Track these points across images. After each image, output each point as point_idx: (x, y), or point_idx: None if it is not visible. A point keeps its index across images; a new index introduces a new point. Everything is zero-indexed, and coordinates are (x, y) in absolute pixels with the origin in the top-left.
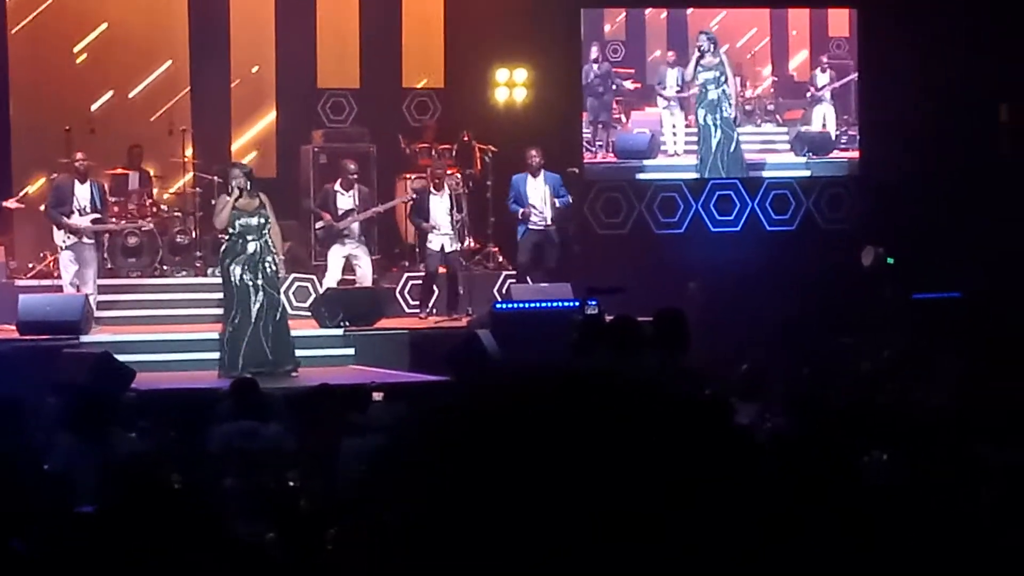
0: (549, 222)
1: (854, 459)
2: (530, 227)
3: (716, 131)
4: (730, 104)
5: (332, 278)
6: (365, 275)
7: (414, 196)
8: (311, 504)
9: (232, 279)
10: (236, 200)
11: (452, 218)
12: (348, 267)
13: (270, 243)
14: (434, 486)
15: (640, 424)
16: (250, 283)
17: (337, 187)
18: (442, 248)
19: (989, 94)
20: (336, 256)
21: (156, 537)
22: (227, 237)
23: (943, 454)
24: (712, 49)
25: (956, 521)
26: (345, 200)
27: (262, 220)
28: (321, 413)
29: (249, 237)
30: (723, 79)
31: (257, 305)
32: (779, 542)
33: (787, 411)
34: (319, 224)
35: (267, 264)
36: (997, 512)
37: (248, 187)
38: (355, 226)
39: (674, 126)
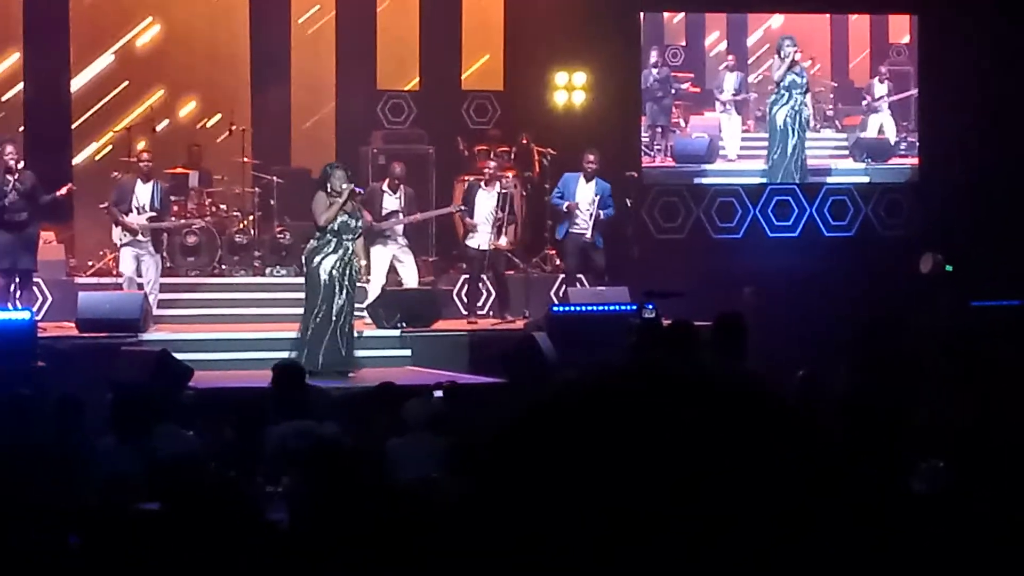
0: (590, 231)
1: (908, 466)
2: (571, 230)
3: (794, 136)
4: (808, 111)
5: (376, 279)
6: (410, 277)
7: (462, 208)
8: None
9: (322, 276)
10: (347, 200)
11: (494, 216)
12: (393, 269)
13: (359, 246)
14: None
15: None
16: (338, 282)
17: (384, 187)
18: (478, 247)
19: None
20: (380, 257)
21: (211, 535)
22: (319, 235)
23: (997, 463)
24: (799, 55)
25: (1008, 529)
26: (391, 201)
27: (359, 223)
28: (380, 411)
29: (345, 237)
30: (807, 87)
31: (339, 304)
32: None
33: (841, 416)
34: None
35: (354, 264)
36: None
37: (352, 187)
38: (398, 228)
39: (731, 130)
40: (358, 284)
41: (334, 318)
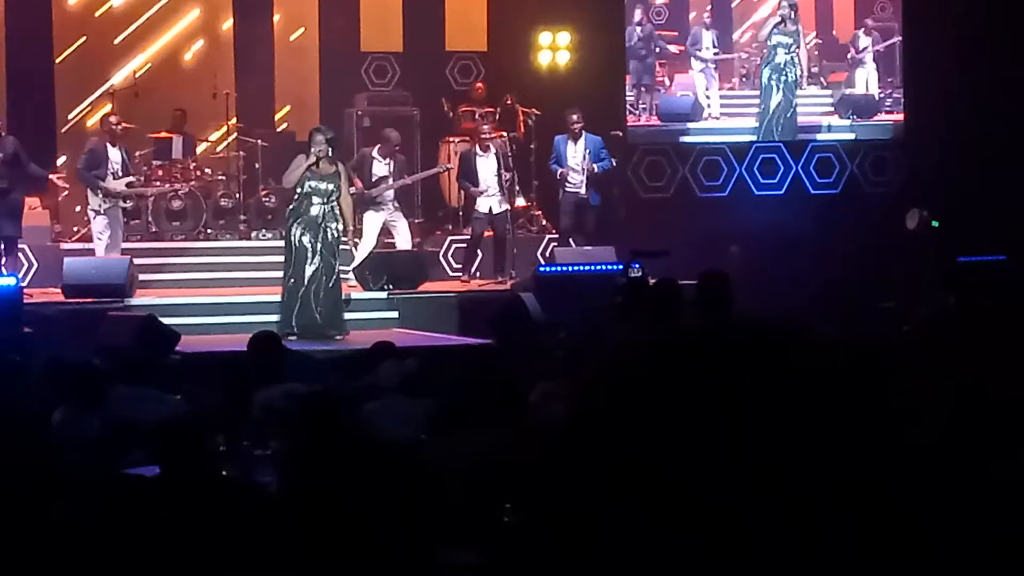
0: (584, 189)
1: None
2: (566, 190)
3: (777, 93)
4: (796, 71)
5: (367, 244)
6: (404, 240)
7: (447, 167)
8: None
9: (292, 240)
10: (310, 165)
11: (500, 178)
12: (386, 232)
13: (336, 210)
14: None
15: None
16: (308, 245)
17: (375, 153)
18: (490, 210)
19: None
20: (372, 222)
21: (199, 500)
22: (295, 197)
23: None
24: (792, 16)
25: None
26: (381, 167)
27: (332, 187)
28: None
29: (315, 200)
30: (794, 46)
31: (312, 268)
32: None
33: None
34: (351, 190)
35: (330, 230)
36: None
37: (328, 154)
38: (388, 193)
39: (707, 89)
40: (341, 247)
41: (306, 282)
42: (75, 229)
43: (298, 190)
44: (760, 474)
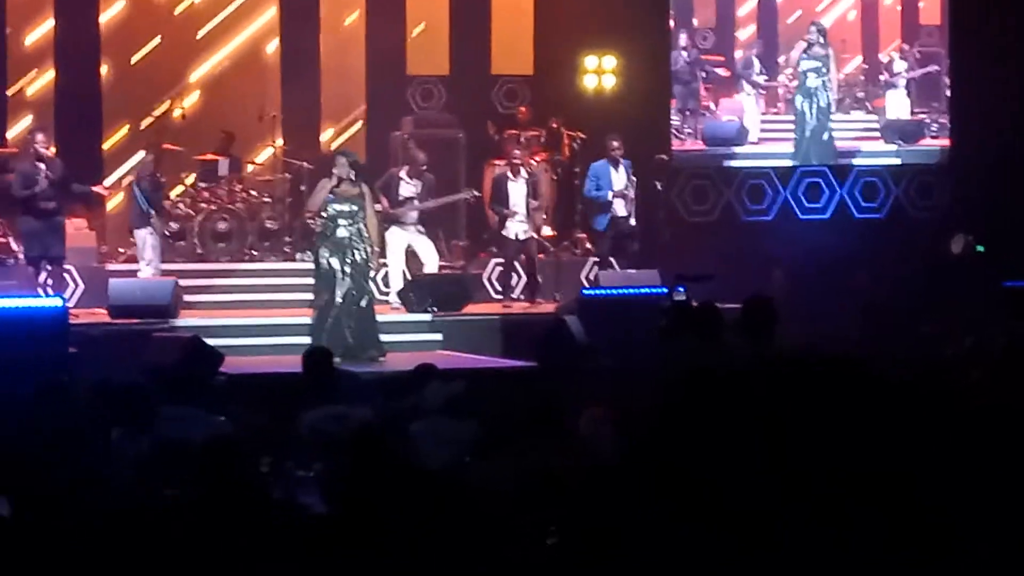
0: (629, 213)
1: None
2: (613, 215)
3: (811, 119)
4: (828, 95)
5: (395, 264)
6: (429, 260)
7: (475, 195)
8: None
9: (321, 263)
10: (334, 186)
11: (527, 204)
12: (412, 255)
13: (363, 231)
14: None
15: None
16: (338, 268)
17: (402, 174)
18: (516, 236)
19: None
20: (395, 241)
21: (244, 521)
22: (320, 221)
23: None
24: (821, 41)
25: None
26: (408, 188)
27: (356, 208)
28: (414, 394)
29: (341, 222)
30: (825, 70)
31: (342, 290)
32: None
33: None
34: (376, 207)
35: (358, 252)
36: None
37: (351, 176)
38: (412, 214)
39: (753, 113)
40: (370, 268)
41: (336, 305)
42: (121, 250)
43: (323, 214)
44: (801, 502)
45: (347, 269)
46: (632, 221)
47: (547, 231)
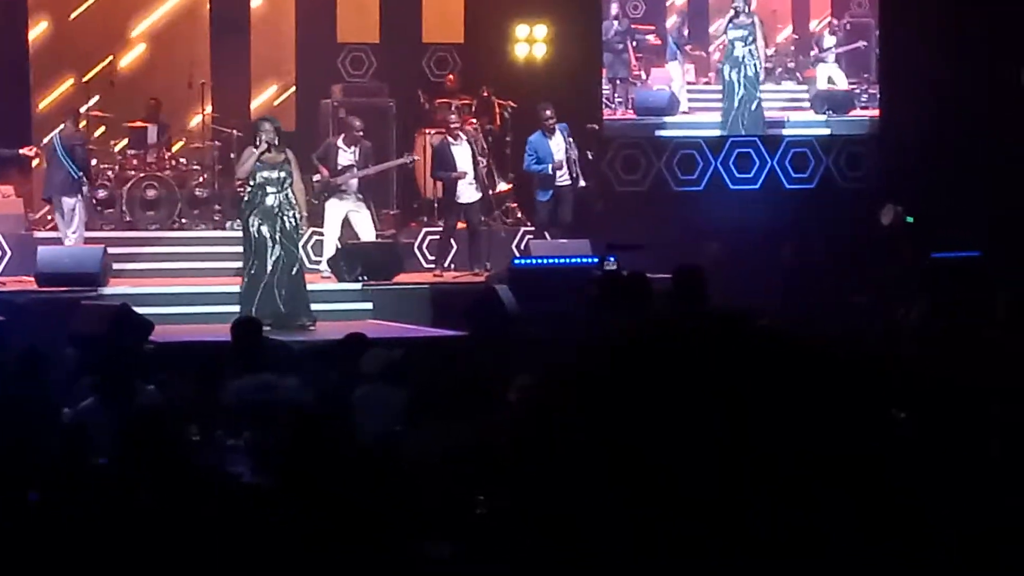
0: (572, 178)
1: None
2: (558, 184)
3: (739, 88)
4: (756, 63)
5: (331, 233)
6: (366, 231)
7: (413, 159)
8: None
9: (251, 231)
10: (262, 153)
11: (477, 165)
12: (347, 223)
13: (291, 198)
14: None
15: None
16: (268, 236)
17: (339, 142)
18: (468, 200)
19: (1010, 55)
20: (334, 211)
21: (171, 489)
22: (248, 189)
23: (955, 413)
24: (746, 9)
25: (968, 478)
26: (346, 156)
27: (283, 175)
28: (345, 363)
29: (269, 190)
30: (751, 38)
31: (273, 258)
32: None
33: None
34: (316, 177)
35: (287, 218)
36: (1008, 470)
37: (276, 142)
38: (353, 182)
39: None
40: (300, 236)
41: (268, 272)
42: (49, 218)
43: (251, 181)
44: (732, 459)
45: (277, 236)
46: (580, 182)
47: (503, 186)
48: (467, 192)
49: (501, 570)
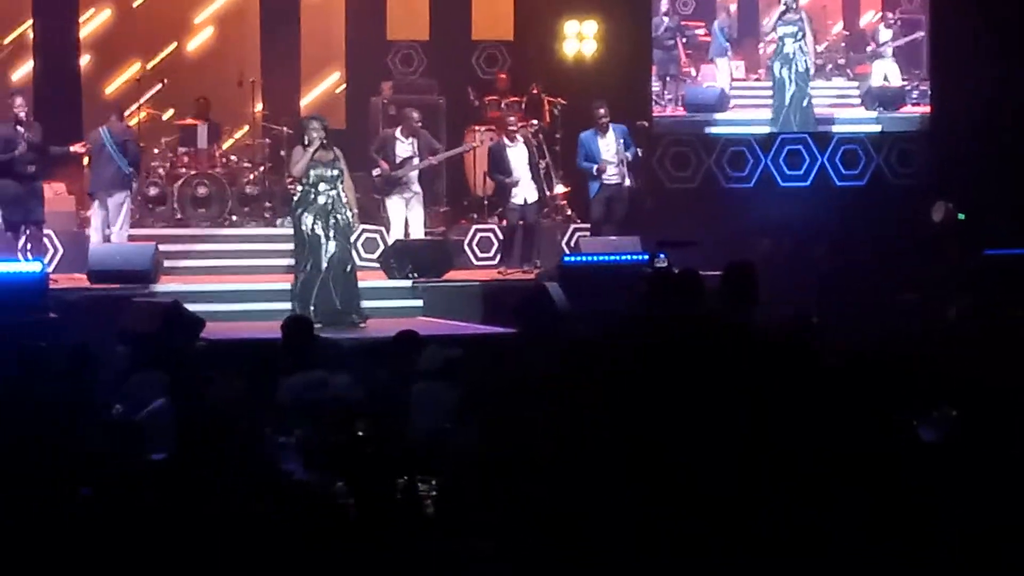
0: (622, 178)
1: (919, 415)
2: (604, 182)
3: (791, 85)
4: (806, 59)
5: (397, 229)
6: (416, 227)
7: (474, 145)
8: (380, 453)
9: (304, 229)
10: (316, 151)
11: (533, 167)
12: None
13: (343, 195)
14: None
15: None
16: (321, 233)
17: (397, 134)
18: (524, 201)
19: None
20: (397, 208)
21: (226, 486)
22: (299, 187)
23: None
24: (795, 6)
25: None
26: (404, 147)
27: (336, 172)
28: (398, 360)
29: (322, 188)
30: (801, 34)
31: (328, 255)
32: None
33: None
34: (376, 172)
35: (340, 216)
36: None
37: (324, 140)
38: (413, 174)
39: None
40: (352, 232)
41: (323, 270)
42: None
43: (303, 179)
44: (781, 483)
45: (331, 233)
46: (627, 182)
47: (560, 188)
48: (522, 194)
49: (537, 565)
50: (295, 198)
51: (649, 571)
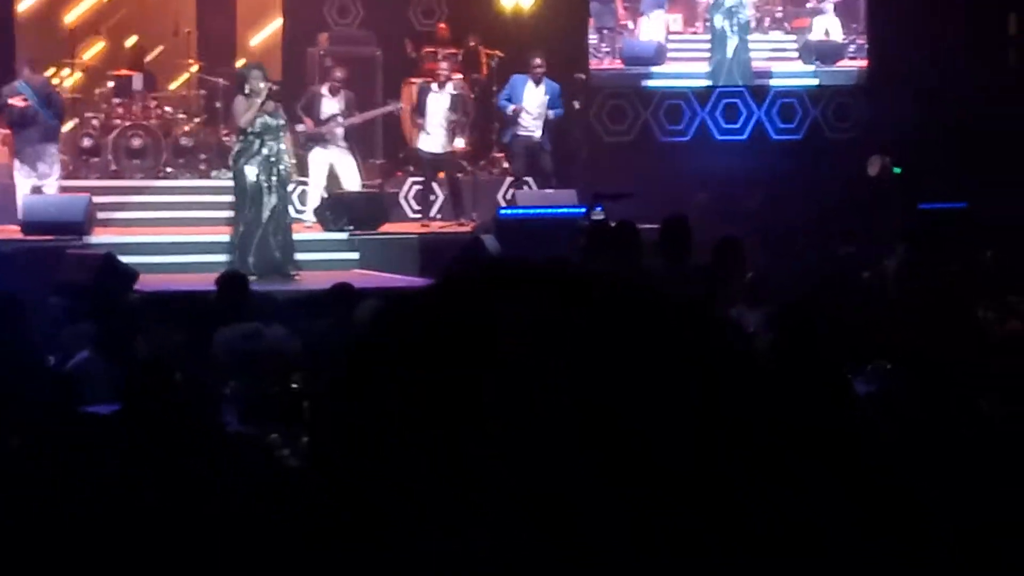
0: (540, 133)
1: (848, 368)
2: (519, 133)
3: (733, 37)
4: (746, 11)
5: (316, 183)
6: (350, 180)
7: (399, 106)
8: (313, 406)
9: (247, 179)
10: (264, 101)
11: (445, 118)
12: (332, 172)
13: (284, 148)
14: (400, 392)
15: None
16: (264, 184)
17: (324, 91)
18: (431, 151)
19: (998, 4)
20: (319, 160)
21: (160, 436)
22: (242, 137)
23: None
24: None
25: (956, 430)
26: (330, 104)
27: (280, 122)
28: (332, 313)
29: (267, 138)
30: None
31: (269, 207)
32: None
33: (781, 319)
34: (299, 127)
35: (281, 168)
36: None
37: (272, 87)
38: (339, 131)
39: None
40: (290, 185)
41: (263, 221)
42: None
43: (248, 130)
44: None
45: (273, 184)
46: (538, 138)
47: (460, 143)
48: (427, 142)
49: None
50: (236, 148)
51: (607, 544)
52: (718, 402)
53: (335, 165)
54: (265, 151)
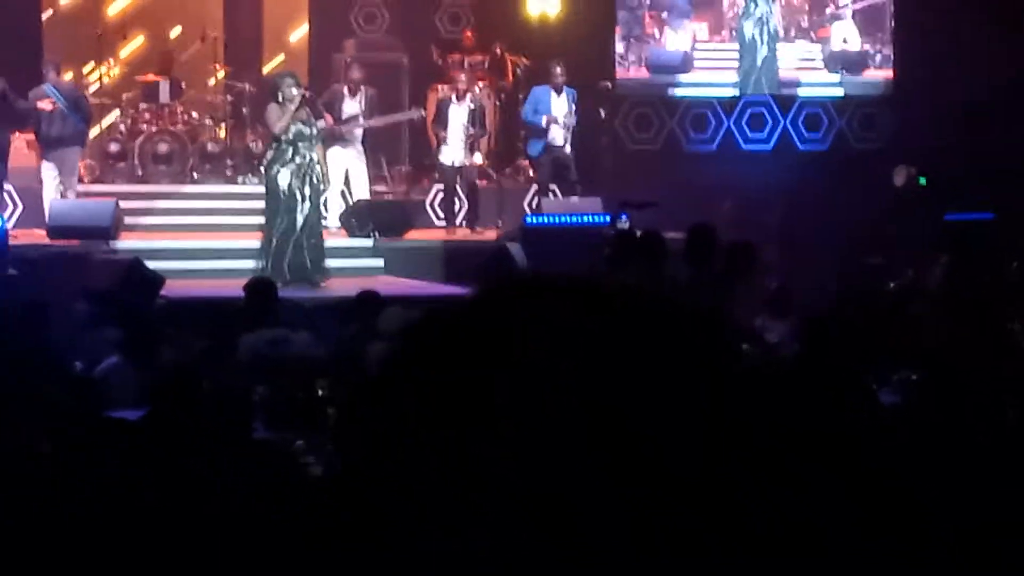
0: (565, 141)
1: (874, 379)
2: (548, 142)
3: (763, 46)
4: (777, 21)
5: (333, 184)
6: (359, 186)
7: (421, 114)
8: (340, 412)
9: (280, 186)
10: (298, 108)
11: (465, 130)
12: (345, 177)
13: (317, 155)
14: (426, 398)
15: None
16: (297, 191)
17: (344, 90)
18: (452, 163)
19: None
20: (336, 161)
21: (186, 443)
22: (275, 144)
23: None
24: None
25: (979, 442)
26: (351, 104)
27: (314, 131)
28: (358, 320)
29: (301, 145)
30: None
31: (303, 214)
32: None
33: (806, 329)
34: (319, 124)
35: (314, 175)
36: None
37: (306, 94)
38: (357, 132)
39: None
40: (323, 192)
41: (298, 229)
42: None
43: (282, 137)
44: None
45: (307, 192)
46: (567, 149)
47: (478, 159)
48: (448, 153)
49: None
50: (269, 155)
51: (614, 545)
52: (725, 408)
53: (348, 169)
54: (298, 159)
